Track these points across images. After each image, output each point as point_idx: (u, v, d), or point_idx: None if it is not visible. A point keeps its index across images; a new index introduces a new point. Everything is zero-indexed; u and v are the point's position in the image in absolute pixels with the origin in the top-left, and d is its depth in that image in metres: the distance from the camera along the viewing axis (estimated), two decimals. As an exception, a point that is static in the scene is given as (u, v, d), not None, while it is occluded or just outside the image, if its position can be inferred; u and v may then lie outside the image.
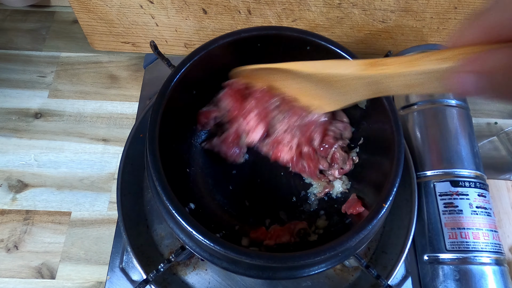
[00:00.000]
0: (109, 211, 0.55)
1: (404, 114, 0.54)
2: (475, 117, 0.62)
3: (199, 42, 0.63)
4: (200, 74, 0.44)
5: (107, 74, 0.65)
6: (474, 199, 0.46)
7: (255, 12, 0.57)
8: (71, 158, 0.58)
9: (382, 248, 0.48)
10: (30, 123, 0.61)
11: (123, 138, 0.60)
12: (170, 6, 0.57)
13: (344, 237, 0.34)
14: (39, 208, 0.55)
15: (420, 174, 0.50)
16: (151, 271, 0.40)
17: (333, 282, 0.46)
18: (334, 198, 0.46)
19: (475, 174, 0.48)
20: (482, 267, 0.43)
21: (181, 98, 0.42)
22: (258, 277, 0.36)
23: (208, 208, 0.45)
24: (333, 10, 0.56)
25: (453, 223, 0.45)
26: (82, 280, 0.50)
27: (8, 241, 0.52)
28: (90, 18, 0.60)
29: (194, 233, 0.33)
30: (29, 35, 0.69)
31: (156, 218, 0.49)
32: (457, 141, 0.50)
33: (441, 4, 0.54)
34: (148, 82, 0.60)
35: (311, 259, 0.33)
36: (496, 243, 0.45)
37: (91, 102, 0.63)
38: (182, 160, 0.46)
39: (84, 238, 0.53)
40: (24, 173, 0.57)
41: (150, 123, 0.37)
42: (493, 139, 0.61)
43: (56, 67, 0.66)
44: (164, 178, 0.35)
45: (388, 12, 0.56)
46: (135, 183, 0.50)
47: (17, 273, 0.51)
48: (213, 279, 0.46)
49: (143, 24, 0.60)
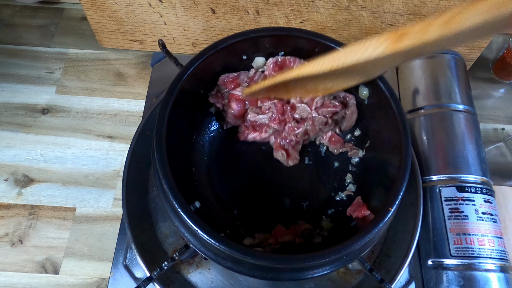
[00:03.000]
0: (113, 208, 0.55)
1: (411, 118, 0.54)
2: (482, 122, 0.62)
3: (206, 41, 0.63)
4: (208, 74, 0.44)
5: (115, 72, 0.66)
6: (480, 205, 0.46)
7: (263, 13, 0.57)
8: (77, 154, 0.59)
9: (386, 252, 0.47)
10: (37, 118, 0.61)
11: (129, 135, 0.60)
12: (178, 5, 0.57)
13: (349, 240, 0.33)
14: (44, 203, 0.55)
15: (426, 179, 0.49)
16: (154, 269, 0.40)
17: (336, 284, 0.46)
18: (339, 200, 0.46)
19: (481, 180, 0.48)
20: (486, 274, 0.43)
21: (189, 97, 0.42)
22: (262, 277, 0.36)
23: (213, 207, 0.45)
24: (341, 12, 0.56)
25: (458, 229, 0.45)
26: (86, 276, 0.50)
27: (13, 235, 0.53)
28: (99, 15, 0.61)
29: (200, 232, 0.33)
30: (38, 31, 0.69)
31: (161, 216, 0.49)
32: (464, 146, 0.49)
33: (450, 8, 0.54)
34: (155, 81, 0.60)
35: (315, 261, 0.33)
36: (502, 249, 0.45)
37: (98, 99, 0.63)
38: (187, 158, 0.46)
39: (88, 234, 0.53)
40: (30, 168, 0.57)
41: (158, 121, 0.37)
42: (499, 145, 0.61)
43: (64, 63, 0.66)
44: (171, 176, 0.35)
45: (397, 15, 0.56)
46: (140, 181, 0.50)
47: (21, 267, 0.51)
48: (216, 279, 0.46)
49: (152, 22, 0.61)
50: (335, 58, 0.33)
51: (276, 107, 0.47)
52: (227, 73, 0.46)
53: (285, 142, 0.48)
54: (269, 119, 0.47)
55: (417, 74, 0.56)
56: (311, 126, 0.47)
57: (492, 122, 0.63)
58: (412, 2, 0.54)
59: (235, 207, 0.46)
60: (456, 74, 0.55)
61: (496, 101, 0.65)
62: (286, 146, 0.48)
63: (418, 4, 0.54)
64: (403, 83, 0.58)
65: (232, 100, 0.47)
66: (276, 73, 0.45)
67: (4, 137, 0.59)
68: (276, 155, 0.48)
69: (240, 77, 0.46)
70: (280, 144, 0.48)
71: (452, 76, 0.54)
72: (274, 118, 0.47)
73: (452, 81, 0.54)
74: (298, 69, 0.37)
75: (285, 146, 0.48)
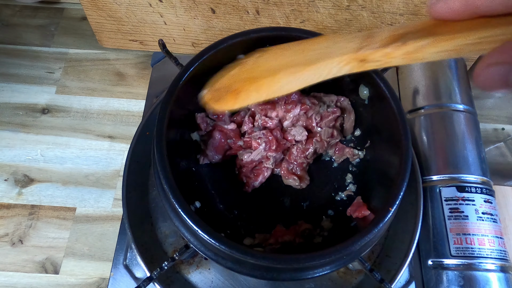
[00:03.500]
0: (113, 208, 0.55)
1: (411, 118, 0.54)
2: (482, 122, 0.62)
3: (206, 41, 0.63)
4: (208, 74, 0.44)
5: (115, 72, 0.66)
6: (480, 205, 0.46)
7: (263, 13, 0.57)
8: (77, 154, 0.59)
9: (386, 252, 0.47)
10: (37, 118, 0.61)
11: (129, 135, 0.60)
12: (178, 5, 0.57)
13: (349, 240, 0.33)
14: (44, 203, 0.55)
15: (426, 179, 0.49)
16: (154, 269, 0.40)
17: (336, 284, 0.46)
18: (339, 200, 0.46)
19: (481, 180, 0.48)
20: (487, 274, 0.43)
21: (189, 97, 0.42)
22: (262, 277, 0.36)
23: (213, 207, 0.45)
24: (341, 12, 0.56)
25: (459, 229, 0.45)
26: (86, 276, 0.50)
27: (13, 235, 0.53)
28: (99, 15, 0.61)
29: (200, 232, 0.33)
30: (38, 31, 0.69)
31: (161, 216, 0.49)
32: (464, 146, 0.49)
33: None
34: (155, 80, 0.60)
35: (316, 261, 0.33)
36: (502, 249, 0.45)
37: (98, 99, 0.63)
38: (188, 158, 0.46)
39: (88, 234, 0.53)
40: (30, 168, 0.57)
41: (158, 121, 0.37)
42: (500, 145, 0.61)
43: (64, 63, 0.66)
44: (171, 176, 0.35)
45: (397, 15, 0.56)
46: (140, 181, 0.50)
47: (21, 267, 0.51)
48: (216, 279, 0.46)
49: (152, 22, 0.61)
50: (298, 76, 0.30)
51: (265, 136, 0.45)
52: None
53: (293, 165, 0.46)
54: (265, 149, 0.45)
55: (417, 74, 0.56)
56: (319, 142, 0.46)
57: (492, 122, 0.63)
58: (412, 2, 0.54)
59: (235, 207, 0.46)
60: (456, 74, 0.55)
61: (496, 101, 0.65)
62: (295, 170, 0.46)
63: (418, 4, 0.54)
64: (403, 83, 0.58)
65: (215, 130, 0.45)
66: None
67: (4, 137, 0.59)
68: (287, 182, 0.46)
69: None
70: (288, 169, 0.46)
71: (452, 76, 0.54)
72: (270, 146, 0.45)
73: (452, 81, 0.54)
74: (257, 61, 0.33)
75: (293, 169, 0.47)
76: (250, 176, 0.46)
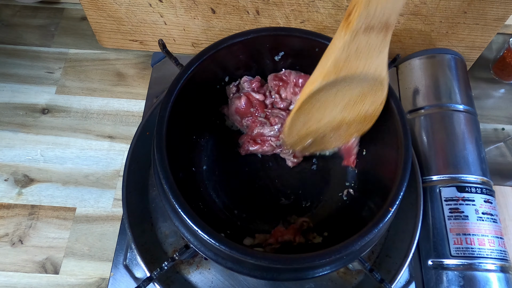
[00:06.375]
0: (113, 208, 0.55)
1: (411, 118, 0.54)
2: (483, 122, 0.62)
3: (206, 41, 0.63)
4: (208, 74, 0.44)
5: (115, 72, 0.66)
6: (480, 205, 0.46)
7: (263, 13, 0.57)
8: (77, 154, 0.59)
9: (386, 252, 0.47)
10: (37, 118, 0.61)
11: (129, 135, 0.60)
12: (179, 5, 0.57)
13: (349, 240, 0.33)
14: (44, 203, 0.55)
15: (426, 179, 0.49)
16: (154, 269, 0.40)
17: (336, 284, 0.46)
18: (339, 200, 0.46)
19: (481, 180, 0.48)
20: (487, 274, 0.43)
21: (189, 97, 0.42)
22: (262, 278, 0.36)
23: (213, 207, 0.45)
24: (341, 12, 0.56)
25: (459, 229, 0.45)
26: (86, 276, 0.50)
27: (13, 235, 0.53)
28: (99, 15, 0.61)
29: (200, 232, 0.33)
30: (38, 31, 0.69)
31: (161, 216, 0.49)
32: (464, 146, 0.49)
33: (451, 9, 0.54)
34: (155, 81, 0.60)
35: (316, 261, 0.33)
36: (502, 250, 0.45)
37: (98, 99, 0.63)
38: (187, 158, 0.46)
39: (88, 234, 0.53)
40: (30, 168, 0.57)
41: (158, 121, 0.37)
42: (500, 145, 0.61)
43: (64, 63, 0.66)
44: (171, 176, 0.35)
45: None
46: (140, 181, 0.50)
47: (21, 267, 0.51)
48: (216, 279, 0.46)
49: (152, 22, 0.61)
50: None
51: (284, 118, 0.46)
52: (227, 73, 0.46)
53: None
54: (279, 130, 0.46)
55: (417, 74, 0.56)
56: None
57: (492, 122, 0.63)
58: (412, 2, 0.54)
59: (235, 207, 0.46)
60: (456, 74, 0.55)
61: (496, 101, 0.65)
62: (298, 154, 0.48)
63: (419, 4, 0.54)
64: (403, 83, 0.58)
65: (243, 96, 0.46)
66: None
67: (4, 137, 0.59)
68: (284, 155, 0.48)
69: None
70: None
71: (452, 76, 0.54)
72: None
73: (452, 81, 0.54)
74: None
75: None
76: (250, 141, 0.47)
